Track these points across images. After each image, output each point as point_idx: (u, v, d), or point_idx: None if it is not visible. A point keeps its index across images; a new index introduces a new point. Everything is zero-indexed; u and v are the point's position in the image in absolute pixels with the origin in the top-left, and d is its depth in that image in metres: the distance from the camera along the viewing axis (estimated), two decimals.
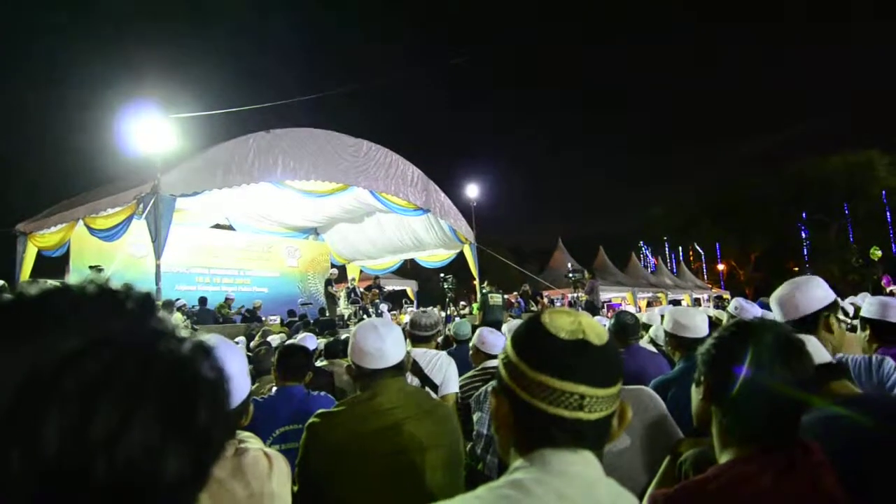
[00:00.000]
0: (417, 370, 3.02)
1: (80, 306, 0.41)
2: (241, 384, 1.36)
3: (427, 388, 3.00)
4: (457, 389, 3.05)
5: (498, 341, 3.26)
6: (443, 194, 14.14)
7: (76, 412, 0.36)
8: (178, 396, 0.41)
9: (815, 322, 1.78)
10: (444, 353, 3.24)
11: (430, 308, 14.12)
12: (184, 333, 0.46)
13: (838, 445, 1.12)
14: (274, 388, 2.67)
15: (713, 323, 4.73)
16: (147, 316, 0.44)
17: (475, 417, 2.37)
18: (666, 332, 2.67)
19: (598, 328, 0.81)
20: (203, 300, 11.77)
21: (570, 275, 14.58)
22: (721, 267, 41.90)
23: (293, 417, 2.41)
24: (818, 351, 1.45)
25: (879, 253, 10.31)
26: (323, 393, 2.71)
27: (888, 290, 10.34)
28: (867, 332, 2.34)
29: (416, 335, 3.26)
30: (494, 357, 3.22)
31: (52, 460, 0.35)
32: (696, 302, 24.22)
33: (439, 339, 4.60)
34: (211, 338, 1.34)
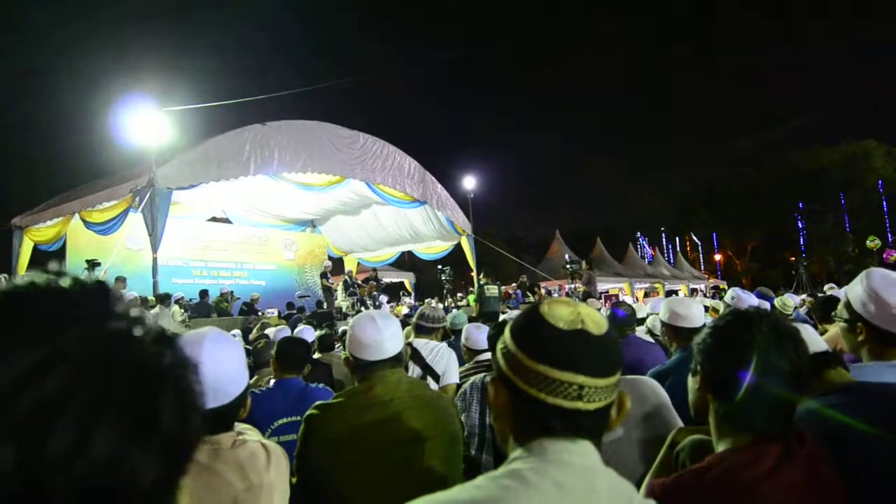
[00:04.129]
0: (419, 360, 3.04)
1: (32, 317, 0.39)
2: (238, 377, 1.36)
3: (429, 378, 3.01)
4: (457, 380, 3.07)
5: (482, 337, 3.27)
6: (440, 186, 14.13)
7: (33, 432, 0.34)
8: (141, 401, 0.40)
9: None
10: (444, 344, 3.26)
11: (436, 302, 14.16)
12: (145, 324, 0.43)
13: (834, 434, 1.13)
14: (272, 381, 2.68)
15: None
16: (104, 316, 0.42)
17: (463, 417, 2.38)
18: (662, 322, 2.68)
19: (597, 318, 0.81)
20: (204, 293, 11.73)
21: (568, 266, 14.59)
22: (718, 257, 42.09)
23: (291, 409, 2.41)
24: (814, 340, 1.45)
25: (878, 242, 10.30)
26: (321, 385, 2.71)
27: (894, 258, 10.25)
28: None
29: (422, 326, 3.29)
30: (481, 352, 3.24)
31: (9, 479, 0.33)
32: (693, 292, 24.28)
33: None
34: (208, 330, 1.34)
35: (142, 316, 0.44)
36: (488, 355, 3.21)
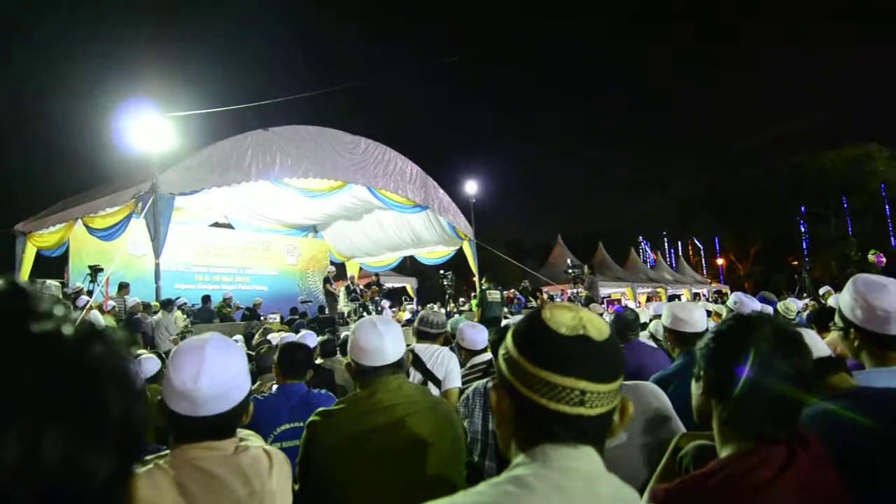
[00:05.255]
0: (420, 365, 3.02)
1: None
2: (242, 382, 1.35)
3: (429, 384, 3.00)
4: (459, 384, 3.06)
5: (478, 337, 3.26)
6: (441, 191, 14.15)
7: None
8: (85, 399, 0.39)
9: None
10: (446, 348, 3.24)
11: (438, 307, 14.15)
12: (72, 320, 0.42)
13: (837, 439, 1.13)
14: (275, 387, 2.67)
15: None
16: (26, 319, 0.40)
17: (466, 424, 2.38)
18: (665, 326, 2.67)
19: (599, 323, 0.81)
20: (206, 298, 11.75)
21: (570, 270, 14.56)
22: (720, 261, 41.99)
23: (294, 415, 2.41)
24: (817, 345, 1.45)
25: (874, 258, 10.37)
26: (323, 391, 2.70)
27: (884, 262, 10.30)
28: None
29: (424, 331, 3.25)
30: (478, 353, 3.23)
31: None
32: (696, 297, 24.24)
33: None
34: (210, 335, 1.34)
35: (67, 312, 0.42)
36: (484, 357, 3.21)
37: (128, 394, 0.42)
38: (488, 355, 3.26)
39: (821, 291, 8.89)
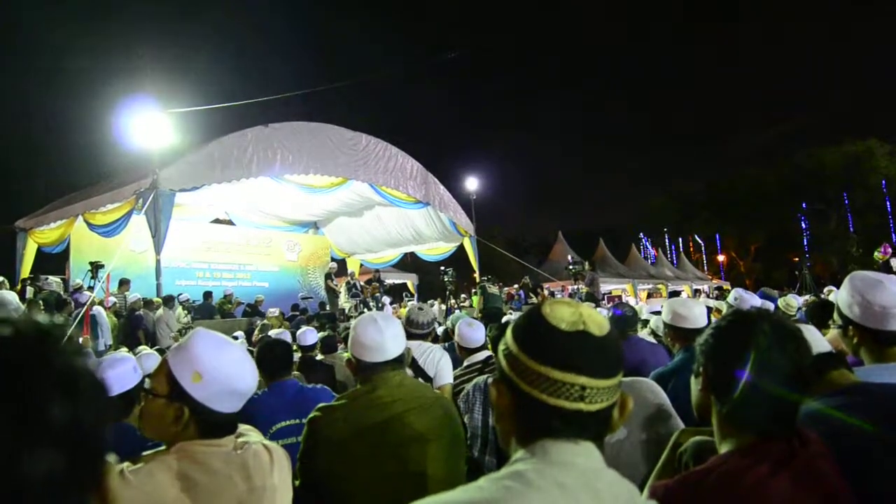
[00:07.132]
0: (411, 362, 3.03)
1: None
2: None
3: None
4: (451, 381, 3.06)
5: (474, 335, 3.25)
6: (442, 187, 14.14)
7: None
8: (20, 400, 0.37)
9: None
10: (437, 346, 3.24)
11: (426, 304, 14.13)
12: (10, 320, 0.40)
13: (834, 435, 1.13)
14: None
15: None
16: None
17: (466, 419, 2.38)
18: (664, 323, 2.67)
19: (598, 319, 0.81)
20: (208, 294, 11.75)
21: (571, 266, 14.56)
22: (721, 258, 41.97)
23: (291, 411, 2.40)
24: (817, 340, 1.45)
25: (880, 256, 10.32)
26: (319, 385, 2.70)
27: (887, 256, 10.25)
28: None
29: (410, 332, 3.22)
30: (475, 351, 3.22)
31: None
32: (697, 293, 24.25)
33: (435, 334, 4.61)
34: (198, 332, 1.34)
35: (5, 314, 0.41)
36: (480, 356, 3.21)
37: (76, 393, 0.40)
38: (484, 353, 3.26)
39: (825, 290, 8.86)
